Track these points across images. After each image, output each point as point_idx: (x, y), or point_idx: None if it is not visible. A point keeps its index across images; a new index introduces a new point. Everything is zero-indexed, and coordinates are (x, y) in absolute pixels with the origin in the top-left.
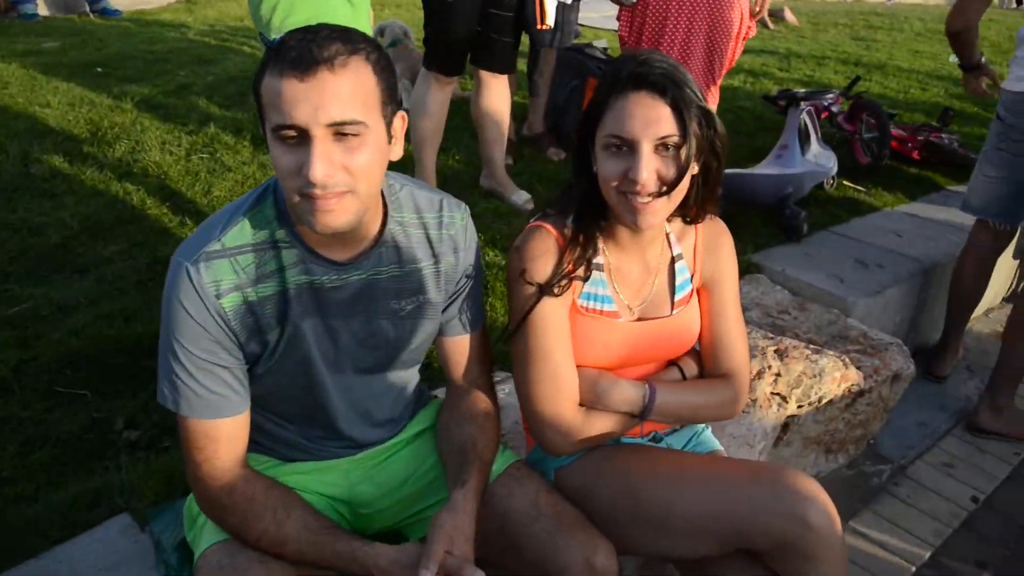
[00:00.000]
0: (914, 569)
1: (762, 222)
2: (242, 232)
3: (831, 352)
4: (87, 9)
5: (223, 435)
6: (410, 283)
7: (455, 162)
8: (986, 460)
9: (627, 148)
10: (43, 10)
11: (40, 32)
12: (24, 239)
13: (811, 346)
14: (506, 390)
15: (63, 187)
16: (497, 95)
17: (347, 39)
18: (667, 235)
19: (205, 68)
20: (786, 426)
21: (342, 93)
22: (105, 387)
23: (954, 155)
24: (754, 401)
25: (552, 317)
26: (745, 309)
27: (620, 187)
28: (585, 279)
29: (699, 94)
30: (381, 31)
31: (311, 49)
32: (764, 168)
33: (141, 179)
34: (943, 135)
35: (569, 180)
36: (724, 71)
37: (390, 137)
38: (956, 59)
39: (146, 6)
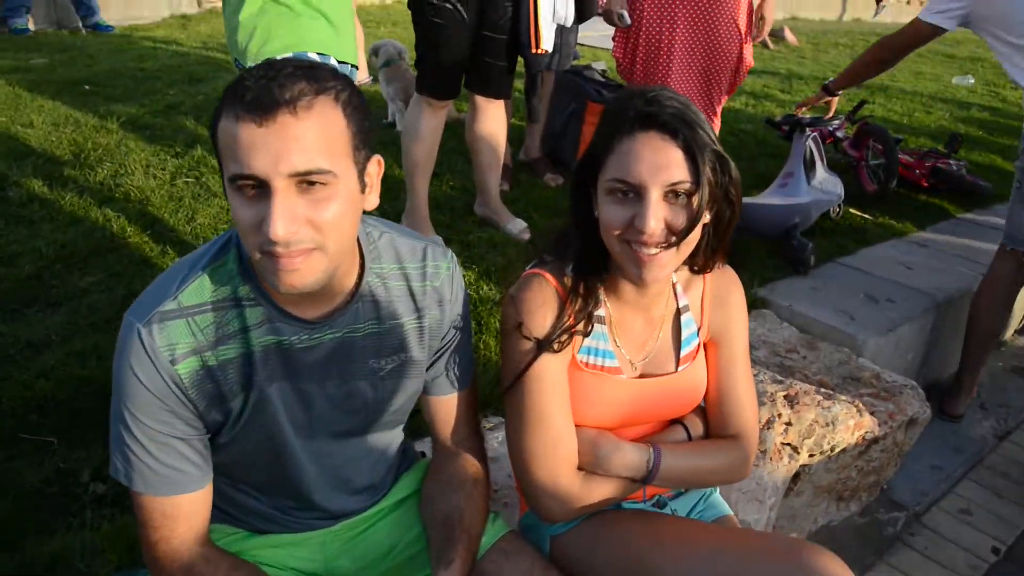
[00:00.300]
0: None
1: (767, 253)
2: (201, 289)
3: (843, 397)
4: (79, 24)
5: (181, 513)
6: (391, 340)
7: (448, 188)
8: (1004, 506)
9: (633, 194)
10: (35, 24)
11: (30, 47)
12: None
13: (822, 390)
14: (499, 438)
15: (40, 213)
16: (493, 120)
17: (313, 77)
18: (673, 285)
19: (195, 87)
20: (796, 476)
21: (306, 139)
22: (73, 433)
23: (962, 182)
24: (764, 453)
25: (550, 374)
26: (752, 348)
27: (624, 235)
28: (587, 334)
29: (712, 136)
30: (376, 50)
31: (271, 89)
32: (769, 197)
33: (123, 204)
34: (951, 161)
35: (567, 220)
36: (724, 98)
37: (363, 185)
38: (961, 81)
39: (140, 21)
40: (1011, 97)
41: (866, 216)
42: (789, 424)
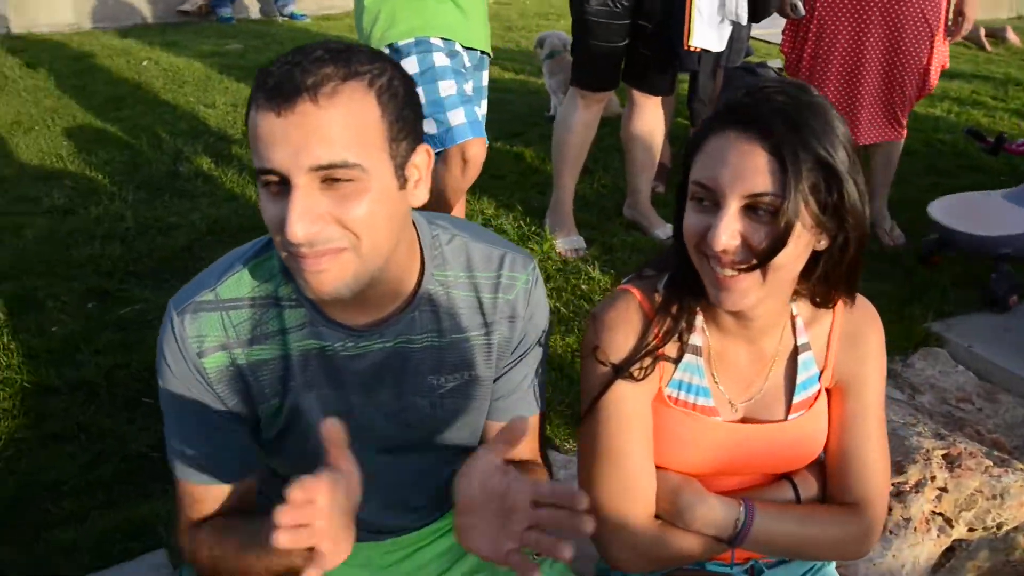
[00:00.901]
0: None
1: (952, 280)
2: (240, 283)
3: (1021, 465)
4: (277, 14)
5: (214, 501)
6: (452, 356)
7: (600, 187)
8: None
9: (712, 202)
10: (239, 13)
11: (230, 34)
12: (153, 239)
13: (995, 453)
14: None
15: (203, 188)
16: (650, 118)
17: (343, 61)
18: (792, 318)
19: None
20: (950, 549)
21: (329, 129)
22: None
23: None
24: (907, 521)
25: (629, 404)
26: (917, 391)
27: (700, 248)
28: (676, 360)
29: (830, 147)
30: (540, 42)
31: (293, 75)
32: (996, 200)
33: None
34: None
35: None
36: (912, 102)
37: (403, 181)
38: None
39: (332, 11)
40: None
41: None
42: (944, 490)
